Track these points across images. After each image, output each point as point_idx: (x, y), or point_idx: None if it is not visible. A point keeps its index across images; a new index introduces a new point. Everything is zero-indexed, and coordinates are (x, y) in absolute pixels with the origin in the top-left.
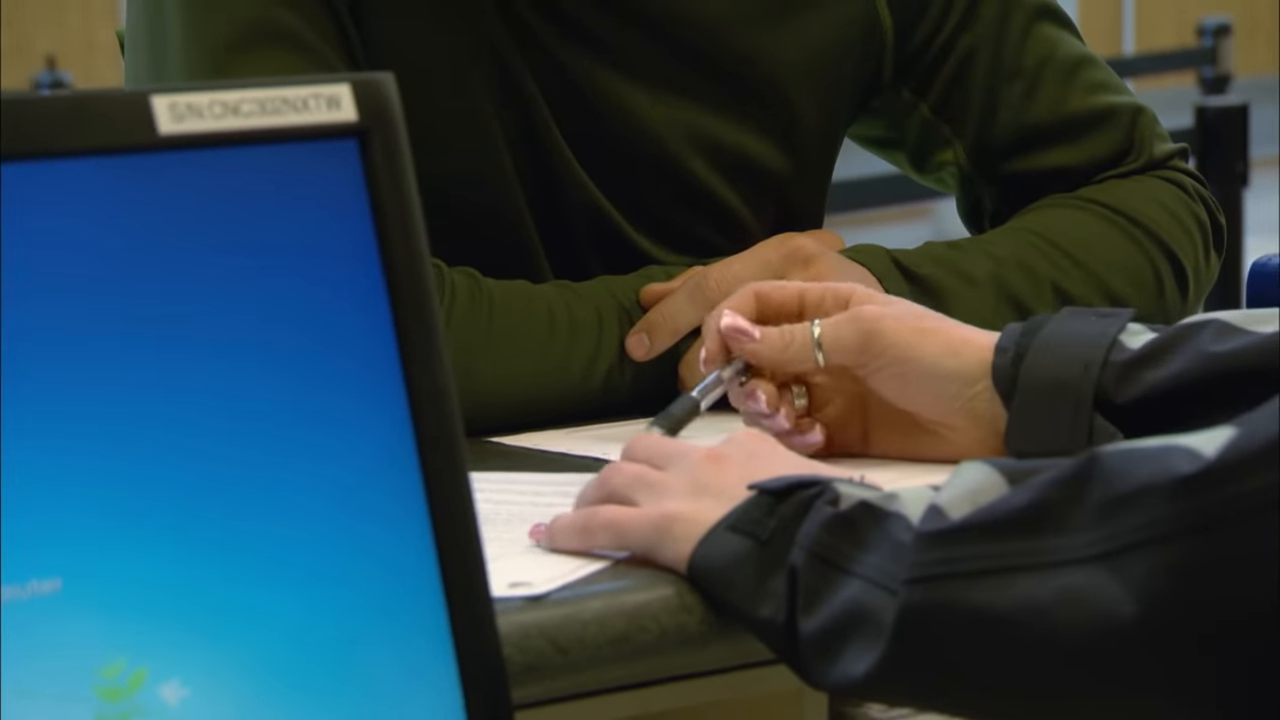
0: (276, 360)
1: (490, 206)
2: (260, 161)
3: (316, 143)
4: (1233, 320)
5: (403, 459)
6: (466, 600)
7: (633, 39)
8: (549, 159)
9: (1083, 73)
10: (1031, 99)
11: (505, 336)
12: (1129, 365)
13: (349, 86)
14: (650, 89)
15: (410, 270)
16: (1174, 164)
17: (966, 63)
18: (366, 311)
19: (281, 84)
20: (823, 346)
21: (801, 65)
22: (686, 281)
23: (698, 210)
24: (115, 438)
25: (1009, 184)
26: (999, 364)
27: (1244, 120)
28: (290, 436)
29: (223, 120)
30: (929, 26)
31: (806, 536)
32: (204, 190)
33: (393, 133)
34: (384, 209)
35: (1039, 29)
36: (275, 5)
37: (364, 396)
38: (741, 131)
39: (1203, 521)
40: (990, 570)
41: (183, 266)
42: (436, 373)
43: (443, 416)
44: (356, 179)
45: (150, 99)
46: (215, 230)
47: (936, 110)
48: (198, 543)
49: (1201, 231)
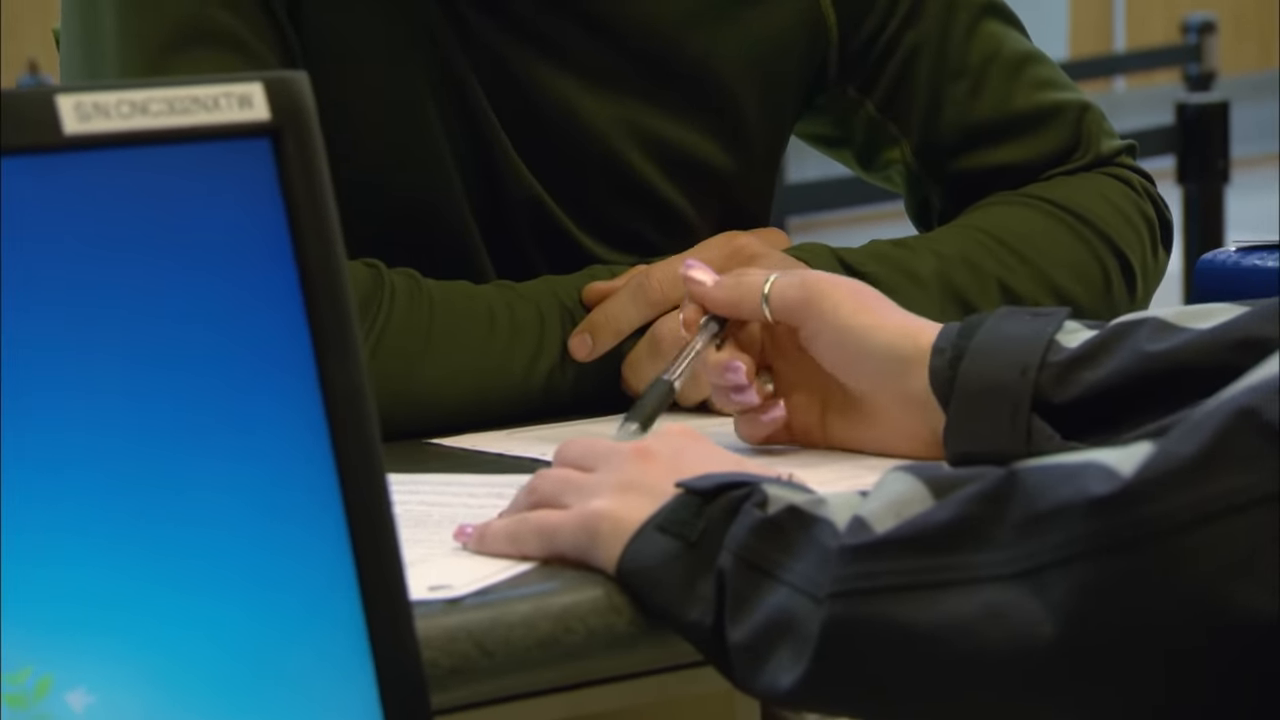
0: (189, 361)
1: (431, 204)
2: (170, 162)
3: (228, 142)
4: (1169, 318)
5: (318, 458)
6: (383, 601)
7: (576, 35)
8: (490, 155)
9: (1028, 69)
10: (977, 96)
11: (446, 337)
12: (1066, 366)
13: (261, 85)
14: (593, 85)
15: (325, 269)
16: (1121, 160)
17: (911, 60)
18: (281, 311)
19: (192, 83)
20: (769, 300)
21: (745, 61)
22: (629, 281)
23: (641, 208)
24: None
25: (956, 182)
26: (936, 366)
27: (1224, 118)
28: (204, 436)
29: (131, 120)
30: (874, 23)
31: (734, 540)
32: (112, 191)
33: (307, 132)
34: (298, 208)
35: (984, 26)
36: (210, 4)
37: (279, 396)
38: (685, 129)
39: (1116, 542)
40: (913, 585)
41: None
42: (352, 371)
43: (358, 415)
44: (270, 178)
45: (55, 98)
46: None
47: (882, 108)
48: (108, 547)
49: (1149, 228)
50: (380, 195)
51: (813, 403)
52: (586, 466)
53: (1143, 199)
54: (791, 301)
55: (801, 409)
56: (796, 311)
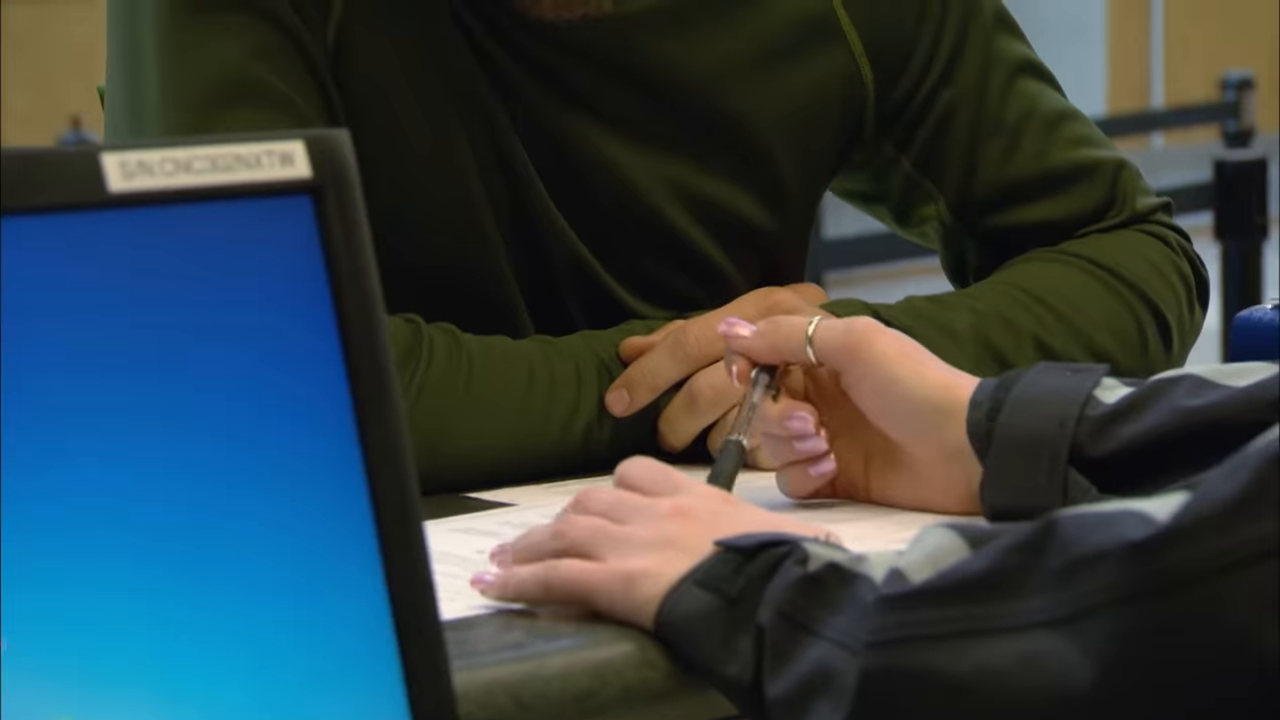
0: (229, 420)
1: (471, 259)
2: (212, 219)
3: (270, 199)
4: (1207, 375)
5: (357, 516)
6: (421, 658)
7: (616, 93)
8: (531, 212)
9: (1064, 127)
10: (1013, 154)
11: (484, 392)
12: (1104, 420)
13: (303, 143)
14: (634, 144)
15: (364, 327)
16: (1157, 218)
17: (948, 118)
18: (321, 369)
19: (235, 140)
20: (813, 342)
21: (782, 118)
22: (667, 337)
23: (680, 264)
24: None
25: (992, 238)
26: (974, 418)
27: (1263, 174)
28: (242, 496)
29: (174, 178)
30: (910, 81)
31: (775, 597)
32: (156, 249)
33: (347, 189)
34: (338, 265)
35: (1020, 84)
36: (253, 61)
37: (318, 454)
38: (723, 185)
39: (1153, 587)
40: (949, 634)
41: (133, 326)
42: (391, 430)
43: (397, 474)
44: (311, 236)
45: (100, 156)
46: (167, 289)
47: (919, 165)
48: (149, 605)
49: (1185, 285)
50: (420, 251)
51: (856, 455)
52: (620, 519)
53: (1179, 256)
54: (836, 344)
55: (845, 461)
56: (841, 354)
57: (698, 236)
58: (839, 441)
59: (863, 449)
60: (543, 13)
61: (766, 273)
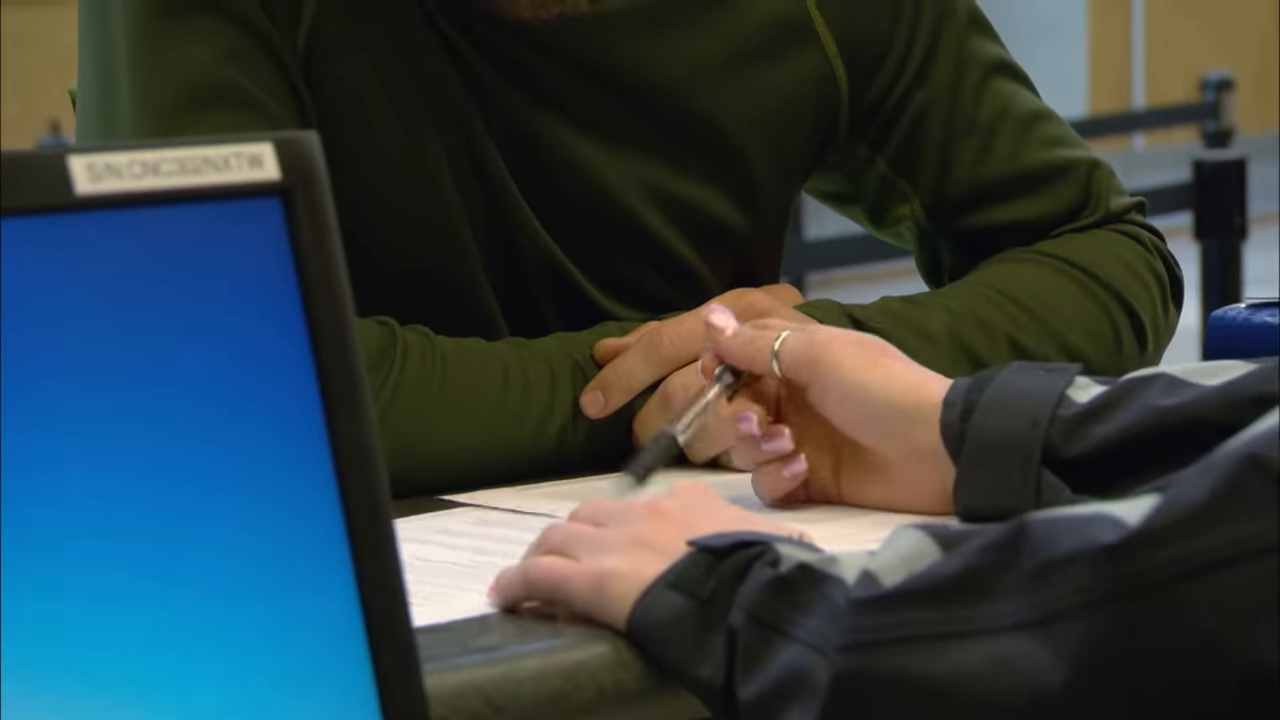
0: (198, 421)
1: (444, 260)
2: (181, 221)
3: (239, 202)
4: (1180, 374)
5: (328, 522)
6: (392, 658)
7: (591, 95)
8: (505, 214)
9: (1038, 127)
10: (987, 154)
11: (458, 394)
12: (1076, 420)
13: (271, 145)
14: (607, 145)
15: (334, 328)
16: (1131, 218)
17: (922, 118)
18: (291, 370)
19: (203, 143)
20: (779, 357)
21: (756, 119)
22: (640, 338)
23: (654, 265)
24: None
25: (966, 239)
26: (947, 419)
27: (1242, 175)
28: (213, 498)
29: (142, 180)
30: (884, 82)
31: (746, 598)
32: (124, 251)
33: (317, 191)
34: (308, 268)
35: (994, 84)
36: (224, 64)
37: (288, 454)
38: (697, 186)
39: (1123, 590)
40: (921, 637)
41: (101, 328)
42: (362, 430)
43: (369, 479)
44: (280, 238)
45: (67, 159)
46: (136, 291)
47: (893, 165)
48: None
49: (1159, 285)
50: (393, 253)
51: (826, 459)
52: (599, 522)
53: (1153, 256)
54: (800, 359)
55: (815, 465)
56: (804, 369)
57: (671, 237)
58: (810, 446)
59: (834, 453)
60: (519, 12)
61: (740, 273)
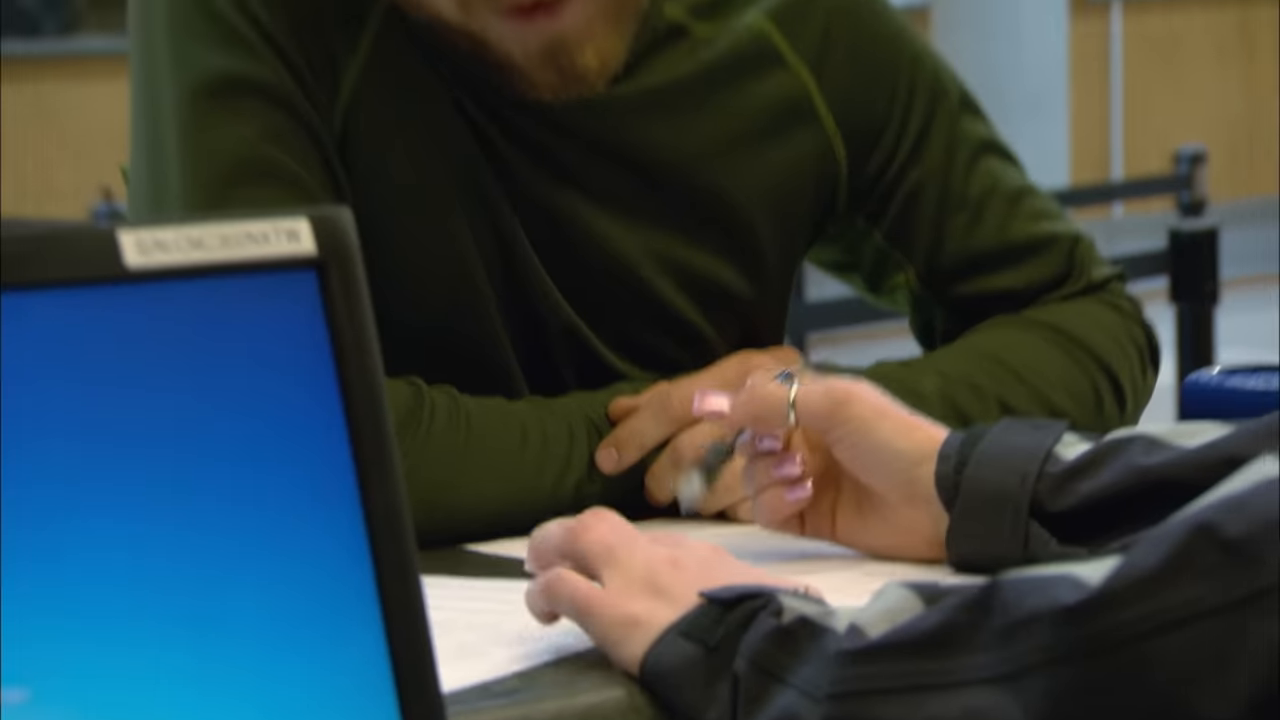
0: (234, 483)
1: (469, 324)
2: (223, 292)
3: (276, 274)
4: (1159, 435)
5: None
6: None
7: (608, 172)
8: (527, 283)
9: (1024, 202)
10: (977, 227)
11: (482, 452)
12: (1063, 477)
13: (308, 221)
14: (624, 219)
15: (366, 395)
16: (1112, 287)
17: (916, 194)
18: (324, 435)
19: (243, 218)
20: (796, 407)
21: (763, 196)
22: (652, 398)
23: (664, 328)
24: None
25: (958, 305)
26: (942, 472)
27: (1214, 243)
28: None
29: (188, 254)
30: (880, 160)
31: (750, 646)
32: (169, 320)
33: (350, 264)
34: (341, 336)
35: (983, 162)
36: (266, 143)
37: (321, 517)
38: (707, 257)
39: (1085, 649)
40: (901, 688)
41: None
42: (392, 493)
43: (398, 538)
44: (314, 308)
45: (118, 234)
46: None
47: (889, 237)
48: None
49: (1138, 351)
50: (422, 319)
51: (826, 497)
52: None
53: (1132, 323)
54: (817, 409)
55: (815, 501)
56: (823, 419)
57: (682, 304)
58: (812, 482)
59: (833, 492)
60: (541, 95)
61: (746, 337)
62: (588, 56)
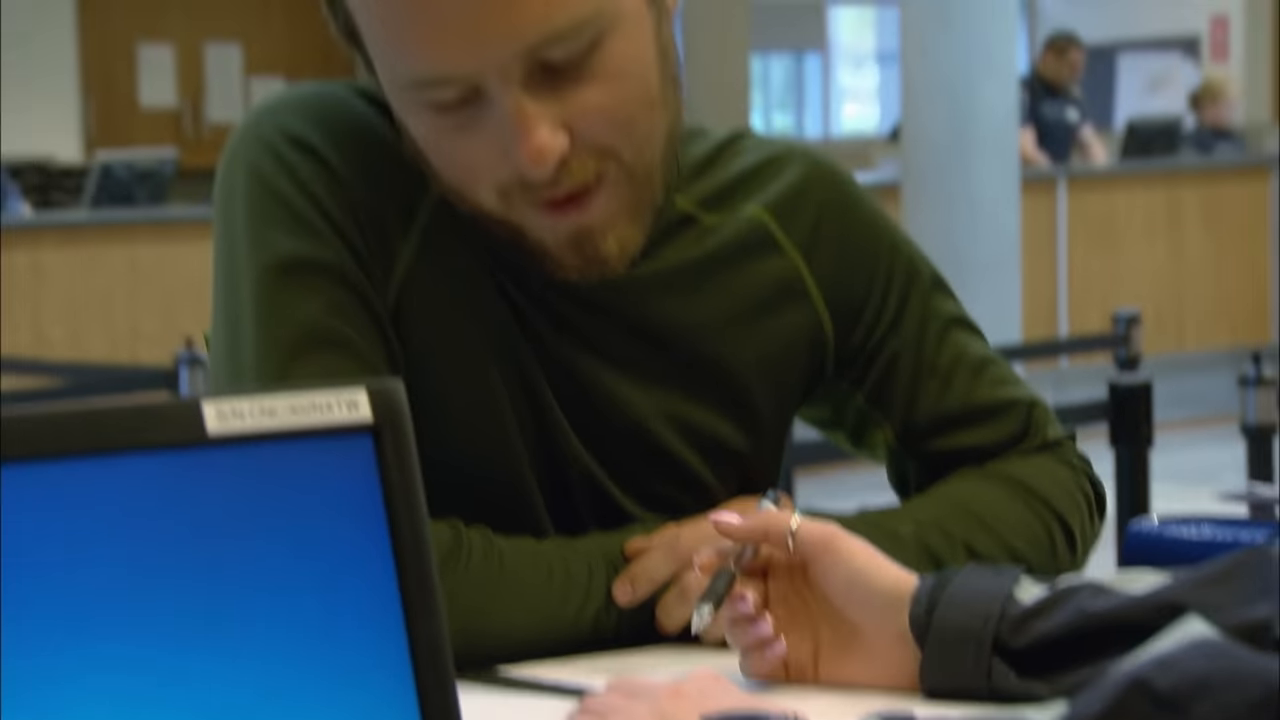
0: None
1: (504, 475)
2: (291, 454)
3: (337, 439)
4: (1107, 582)
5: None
6: None
7: (626, 341)
8: (553, 436)
9: (988, 370)
10: (947, 392)
11: (512, 585)
12: (1021, 618)
13: (365, 392)
14: (638, 381)
15: (413, 541)
16: (1064, 446)
17: (893, 361)
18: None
19: (310, 389)
20: (795, 535)
21: (759, 362)
22: (662, 539)
23: (672, 477)
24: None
25: (930, 459)
26: (915, 613)
27: (1148, 394)
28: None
29: (261, 421)
30: (863, 332)
31: None
32: (244, 478)
33: (401, 430)
34: (392, 492)
35: (952, 335)
36: (330, 315)
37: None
38: (709, 414)
39: None
40: None
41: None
42: (435, 628)
43: (439, 666)
44: (370, 468)
45: (201, 404)
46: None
47: (870, 399)
48: None
49: (1087, 502)
50: (462, 466)
51: (807, 644)
52: (631, 695)
53: (1081, 478)
54: (815, 539)
55: (796, 648)
56: (818, 547)
57: (688, 456)
58: (792, 634)
59: (812, 639)
60: (568, 275)
61: (744, 484)
62: (610, 244)
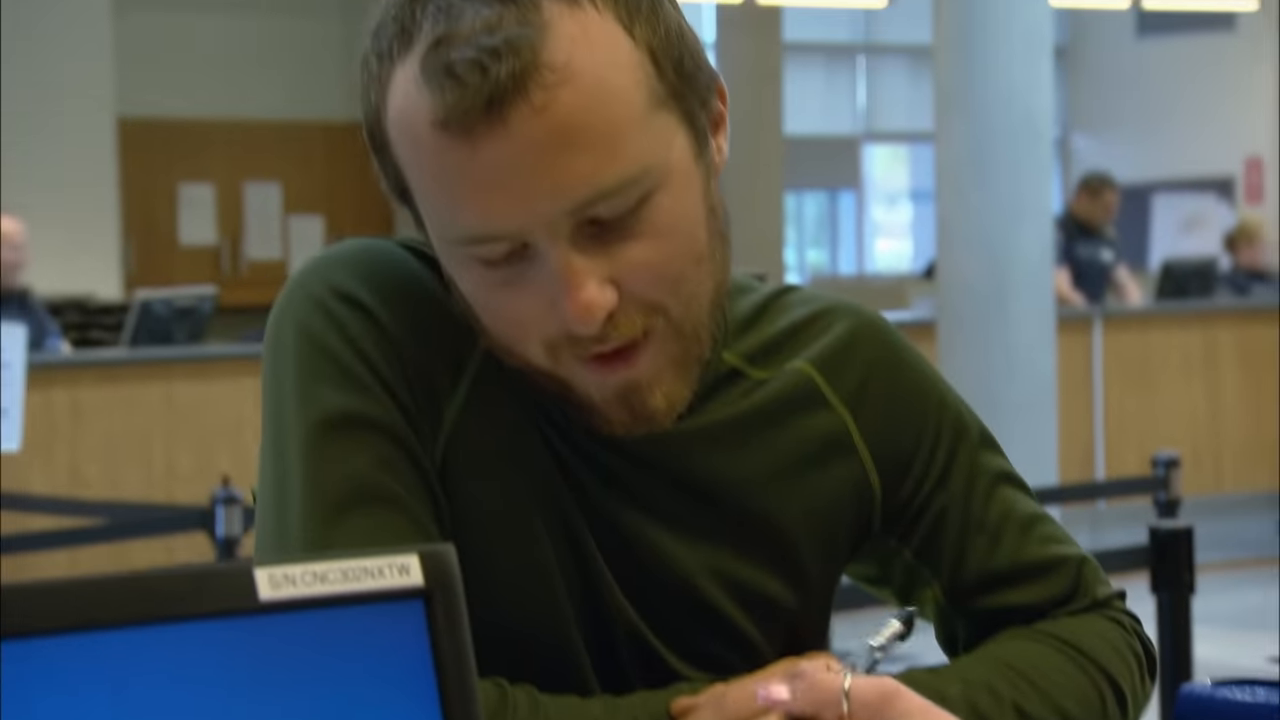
0: None
1: (549, 633)
2: (343, 620)
3: (389, 604)
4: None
5: None
6: None
7: (671, 496)
8: (598, 592)
9: (1036, 528)
10: (995, 549)
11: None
12: None
13: (417, 557)
14: (684, 537)
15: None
16: (1114, 604)
17: (941, 517)
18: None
19: (362, 555)
20: (849, 697)
21: (806, 518)
22: (709, 698)
23: (719, 635)
24: None
25: (978, 617)
26: None
27: (1189, 540)
28: None
29: (313, 587)
30: (910, 488)
31: None
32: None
33: (452, 594)
34: (443, 655)
35: (1000, 491)
36: (378, 471)
37: None
38: (756, 570)
39: None
40: None
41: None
42: None
43: None
44: (421, 632)
45: (254, 570)
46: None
47: (918, 555)
48: None
49: (1138, 662)
50: (508, 623)
51: None
52: None
53: (1132, 637)
54: (871, 699)
55: None
56: (874, 710)
57: (735, 614)
58: None
59: None
60: (615, 430)
61: (791, 642)
62: (657, 398)
